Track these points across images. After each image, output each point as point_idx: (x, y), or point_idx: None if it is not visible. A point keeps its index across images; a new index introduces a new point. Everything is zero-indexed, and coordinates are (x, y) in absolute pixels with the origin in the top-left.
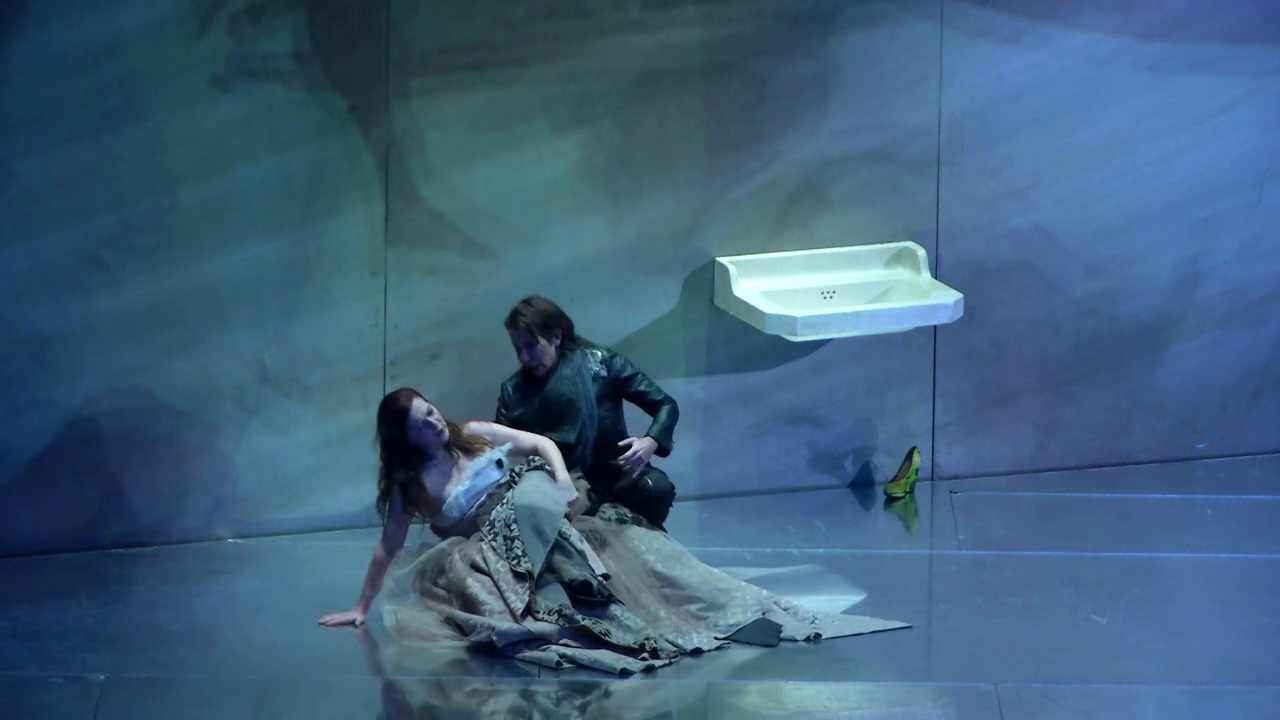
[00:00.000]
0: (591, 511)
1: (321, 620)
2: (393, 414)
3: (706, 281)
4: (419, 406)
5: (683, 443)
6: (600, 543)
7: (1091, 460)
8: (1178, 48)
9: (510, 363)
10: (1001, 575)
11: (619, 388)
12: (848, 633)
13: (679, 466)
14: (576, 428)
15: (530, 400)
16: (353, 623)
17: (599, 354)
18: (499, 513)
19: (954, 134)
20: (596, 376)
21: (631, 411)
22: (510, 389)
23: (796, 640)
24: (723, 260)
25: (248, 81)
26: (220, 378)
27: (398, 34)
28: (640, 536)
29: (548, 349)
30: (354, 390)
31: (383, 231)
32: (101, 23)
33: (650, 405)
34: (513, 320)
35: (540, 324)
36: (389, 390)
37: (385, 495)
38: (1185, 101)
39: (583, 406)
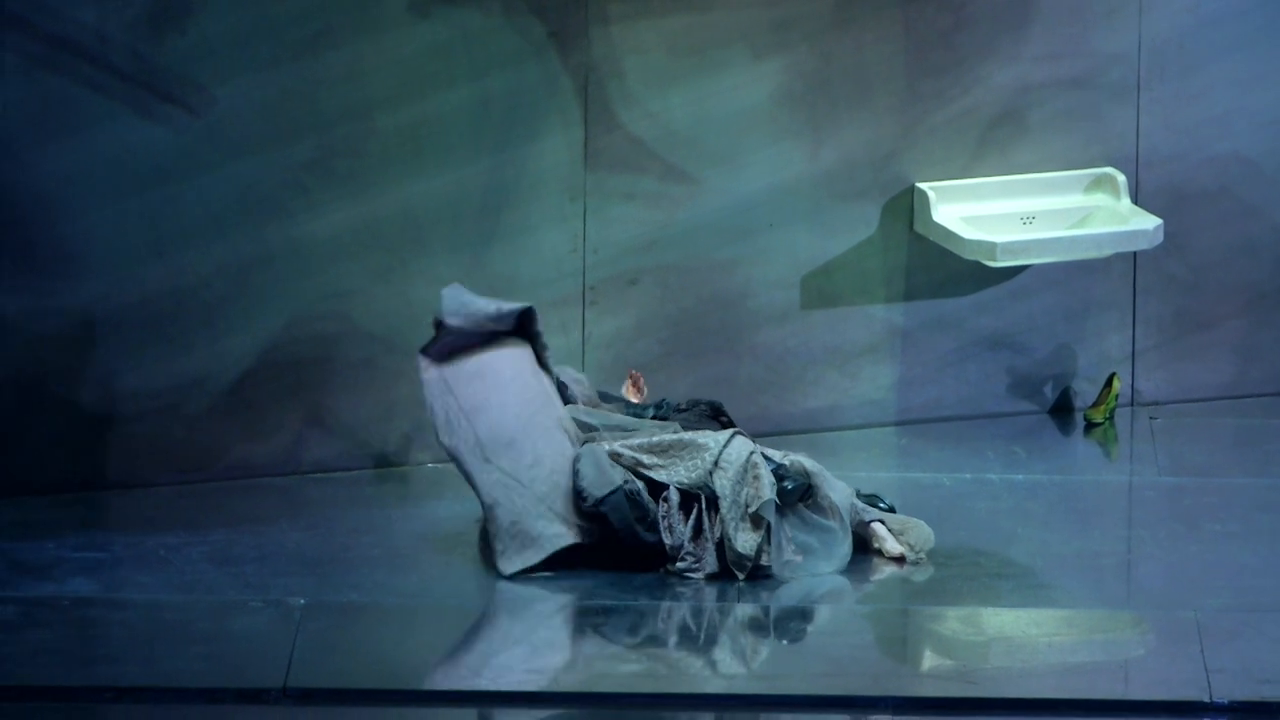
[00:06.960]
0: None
1: None
2: None
3: (905, 207)
4: None
5: (882, 368)
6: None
7: None
8: None
9: (710, 289)
10: (1201, 501)
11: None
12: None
13: (878, 393)
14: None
15: None
16: None
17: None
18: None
19: (1153, 60)
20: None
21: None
22: None
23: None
24: (922, 186)
25: (446, 7)
26: (419, 304)
27: None
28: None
29: None
30: (553, 316)
31: (581, 157)
32: None
33: None
34: None
35: None
36: (589, 316)
37: None
38: None
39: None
